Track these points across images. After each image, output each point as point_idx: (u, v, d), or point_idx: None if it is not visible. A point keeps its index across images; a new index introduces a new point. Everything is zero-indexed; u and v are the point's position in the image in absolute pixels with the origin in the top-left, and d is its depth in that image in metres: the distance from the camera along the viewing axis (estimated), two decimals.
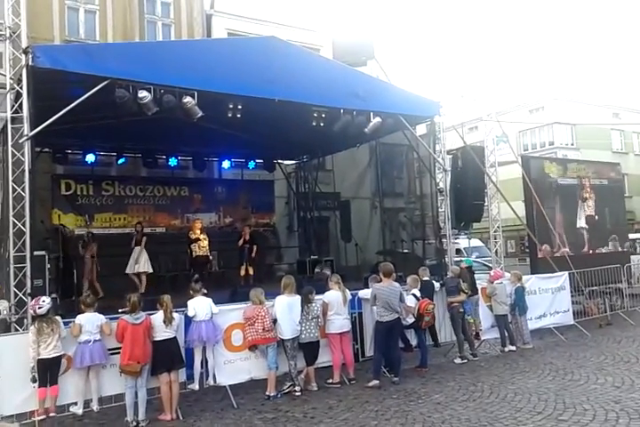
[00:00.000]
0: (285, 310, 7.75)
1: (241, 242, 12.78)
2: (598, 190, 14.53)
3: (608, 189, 14.99)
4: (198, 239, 12.31)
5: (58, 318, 6.70)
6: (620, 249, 14.61)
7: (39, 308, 6.50)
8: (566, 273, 11.83)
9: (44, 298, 6.68)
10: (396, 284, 8.36)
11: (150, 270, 11.73)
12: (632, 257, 15.04)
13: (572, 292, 11.85)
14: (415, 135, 12.11)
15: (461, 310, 9.59)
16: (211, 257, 12.77)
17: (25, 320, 7.12)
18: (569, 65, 53.93)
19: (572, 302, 11.89)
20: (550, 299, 11.36)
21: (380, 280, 8.35)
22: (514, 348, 10.06)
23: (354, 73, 10.76)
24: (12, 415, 6.29)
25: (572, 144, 31.26)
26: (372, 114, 10.40)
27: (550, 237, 13.04)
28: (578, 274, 12.10)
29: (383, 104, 10.46)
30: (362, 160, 17.37)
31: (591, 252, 14.01)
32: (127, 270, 11.60)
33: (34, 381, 6.27)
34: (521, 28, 62.69)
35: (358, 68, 13.78)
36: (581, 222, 13.98)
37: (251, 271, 12.64)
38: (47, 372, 6.37)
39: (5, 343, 6.39)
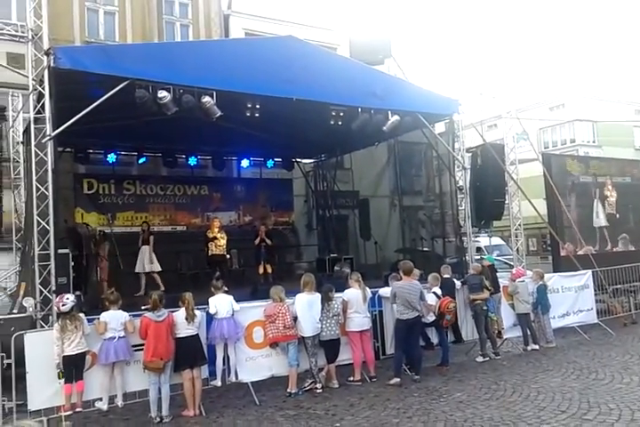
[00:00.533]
0: (305, 307, 7.76)
1: (257, 241, 12.80)
2: (621, 188, 14.31)
3: (631, 186, 14.76)
4: (215, 238, 12.36)
5: (81, 315, 6.78)
6: (630, 248, 14.13)
7: (63, 305, 6.59)
8: (589, 271, 11.67)
9: (67, 295, 6.78)
10: (416, 282, 8.33)
11: (156, 269, 11.76)
12: None
13: (595, 290, 11.69)
14: (434, 133, 12.07)
15: (485, 307, 9.50)
16: (228, 256, 12.81)
17: (50, 317, 7.23)
18: (590, 61, 53.20)
19: (596, 301, 11.73)
20: (573, 297, 11.22)
21: (401, 278, 8.32)
22: (537, 346, 9.96)
23: (371, 72, 10.72)
24: (40, 410, 6.38)
25: (594, 141, 30.87)
26: (390, 112, 10.35)
27: (573, 235, 12.88)
28: (601, 272, 11.93)
29: (401, 102, 10.42)
30: (380, 158, 17.31)
31: (614, 250, 13.80)
32: (137, 270, 11.65)
33: (60, 377, 6.36)
34: (542, 24, 62.00)
35: (376, 66, 13.75)
36: (601, 221, 13.74)
37: (269, 269, 12.68)
38: (72, 368, 6.46)
39: (32, 340, 6.47)
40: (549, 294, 10.47)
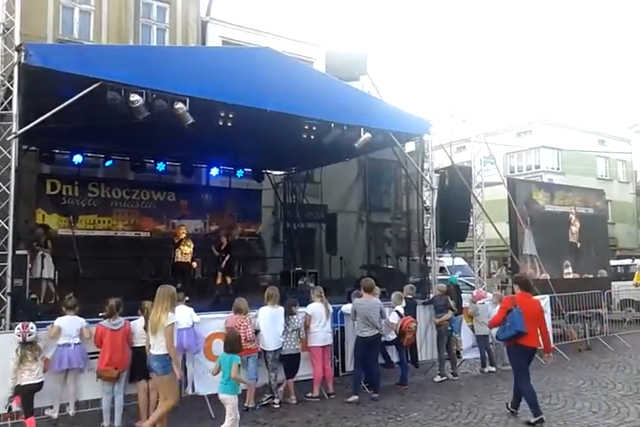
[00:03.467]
0: (269, 321, 7.68)
1: (217, 252, 12.67)
2: (583, 219, 14.58)
3: (593, 217, 15.06)
4: (181, 244, 12.17)
5: (40, 345, 6.40)
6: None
7: (29, 335, 6.24)
8: (547, 296, 11.85)
9: (31, 324, 6.37)
10: (377, 299, 8.33)
11: (52, 277, 10.59)
12: (613, 283, 15.13)
13: (552, 315, 11.85)
14: (404, 152, 12.19)
15: (449, 328, 9.57)
16: (195, 264, 12.63)
17: (3, 320, 6.96)
18: (558, 90, 54.90)
19: (552, 326, 11.87)
20: None
21: (362, 295, 8.31)
22: (494, 369, 10.06)
23: (346, 88, 10.82)
24: None
25: (558, 168, 31.68)
26: (362, 129, 10.44)
27: (533, 260, 13.08)
28: (559, 298, 12.13)
29: (374, 120, 10.52)
30: (350, 174, 17.43)
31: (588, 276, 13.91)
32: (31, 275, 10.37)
33: (9, 410, 6.09)
34: (514, 51, 63.76)
35: (351, 82, 13.87)
36: (531, 250, 13.32)
37: (229, 280, 12.54)
38: (32, 397, 6.17)
39: None
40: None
